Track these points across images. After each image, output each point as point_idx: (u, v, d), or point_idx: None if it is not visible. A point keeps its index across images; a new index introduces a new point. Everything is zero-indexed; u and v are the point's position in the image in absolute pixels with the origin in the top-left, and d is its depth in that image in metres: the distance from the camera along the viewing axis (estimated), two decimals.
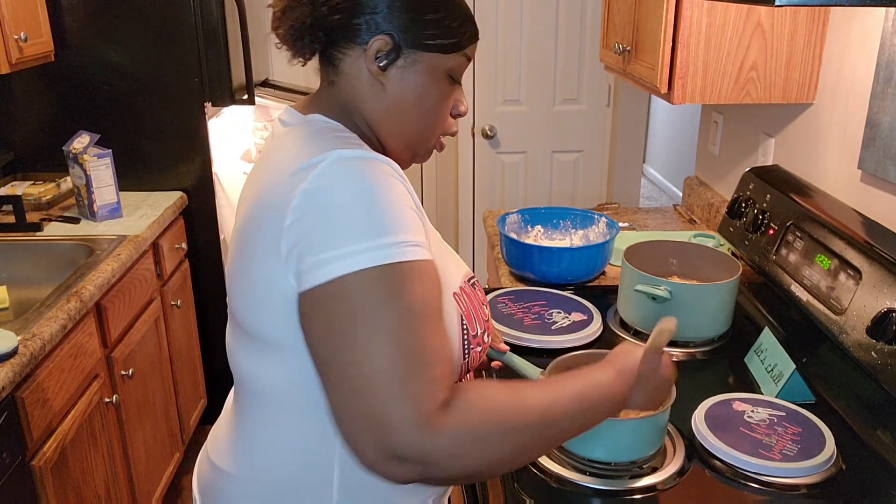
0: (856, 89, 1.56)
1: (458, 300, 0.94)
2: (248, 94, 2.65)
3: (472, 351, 0.95)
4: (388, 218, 0.81)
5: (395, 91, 0.93)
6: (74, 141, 2.28)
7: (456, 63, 0.95)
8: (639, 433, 1.10)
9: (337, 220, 0.80)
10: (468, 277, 1.00)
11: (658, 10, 1.69)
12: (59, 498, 1.66)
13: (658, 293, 1.48)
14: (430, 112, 0.95)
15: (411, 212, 0.84)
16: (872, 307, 1.25)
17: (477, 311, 0.97)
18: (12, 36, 2.06)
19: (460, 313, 0.93)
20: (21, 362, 1.50)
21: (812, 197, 1.59)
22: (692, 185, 2.42)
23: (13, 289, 1.97)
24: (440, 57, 0.93)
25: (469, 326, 0.94)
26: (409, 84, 0.93)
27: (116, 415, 2.01)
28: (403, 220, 0.82)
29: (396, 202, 0.83)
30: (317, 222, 0.81)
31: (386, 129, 0.96)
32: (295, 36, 0.93)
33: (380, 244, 0.79)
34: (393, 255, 0.80)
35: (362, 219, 0.80)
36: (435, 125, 0.97)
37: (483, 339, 0.98)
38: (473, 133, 3.57)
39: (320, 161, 0.83)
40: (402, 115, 0.94)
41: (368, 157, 0.85)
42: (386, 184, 0.83)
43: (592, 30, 3.40)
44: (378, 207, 0.81)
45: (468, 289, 0.98)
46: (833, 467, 1.14)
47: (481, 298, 1.00)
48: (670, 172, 6.05)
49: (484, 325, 0.99)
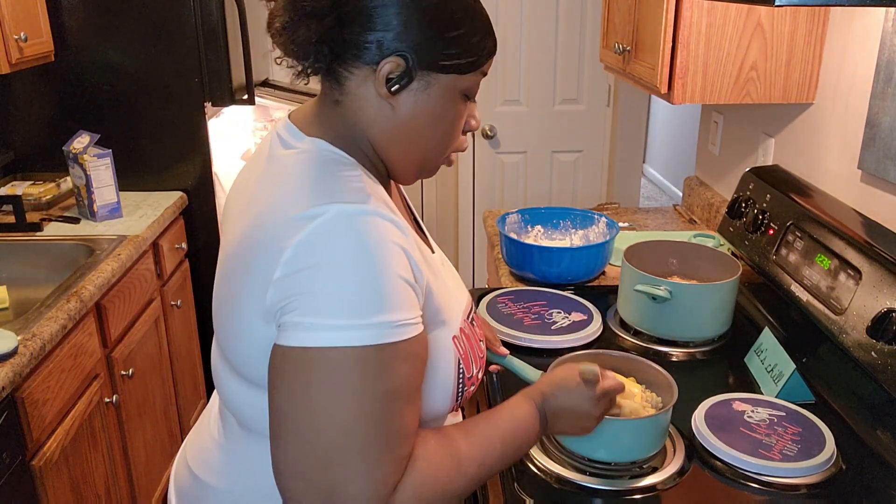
0: (856, 89, 1.56)
1: (458, 344, 0.92)
2: (248, 94, 2.65)
3: (465, 391, 0.95)
4: (383, 294, 0.77)
5: (406, 114, 0.86)
6: (74, 141, 2.28)
7: (473, 82, 0.89)
8: (641, 434, 1.10)
9: (329, 287, 0.76)
10: (468, 314, 0.98)
11: (658, 10, 1.69)
12: (59, 498, 1.66)
13: (658, 293, 1.48)
14: (444, 134, 0.89)
15: (406, 285, 0.80)
16: (872, 307, 1.25)
17: (474, 351, 0.97)
18: (12, 36, 2.06)
19: (458, 358, 0.92)
20: (21, 362, 1.50)
21: (812, 197, 1.59)
22: (692, 185, 2.42)
23: (13, 289, 1.97)
24: (457, 78, 0.86)
25: (465, 369, 0.94)
26: (422, 107, 0.86)
27: (116, 415, 2.02)
28: (399, 295, 0.78)
29: (394, 274, 0.78)
30: (307, 283, 0.76)
31: (395, 152, 0.90)
32: (298, 53, 0.85)
33: (371, 323, 0.76)
34: (383, 335, 0.76)
35: (356, 292, 0.76)
36: (447, 146, 0.91)
37: (477, 378, 0.98)
38: (473, 133, 3.57)
39: (320, 214, 0.78)
40: (413, 139, 0.88)
41: (371, 213, 0.79)
42: (385, 252, 0.78)
43: (592, 30, 3.40)
44: (374, 281, 0.76)
45: (468, 329, 0.96)
46: (833, 467, 1.14)
47: (479, 335, 1.01)
48: (670, 172, 6.05)
49: (479, 362, 0.99)
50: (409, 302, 0.80)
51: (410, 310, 0.80)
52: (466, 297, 1.01)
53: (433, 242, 1.04)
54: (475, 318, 1.02)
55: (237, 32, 2.59)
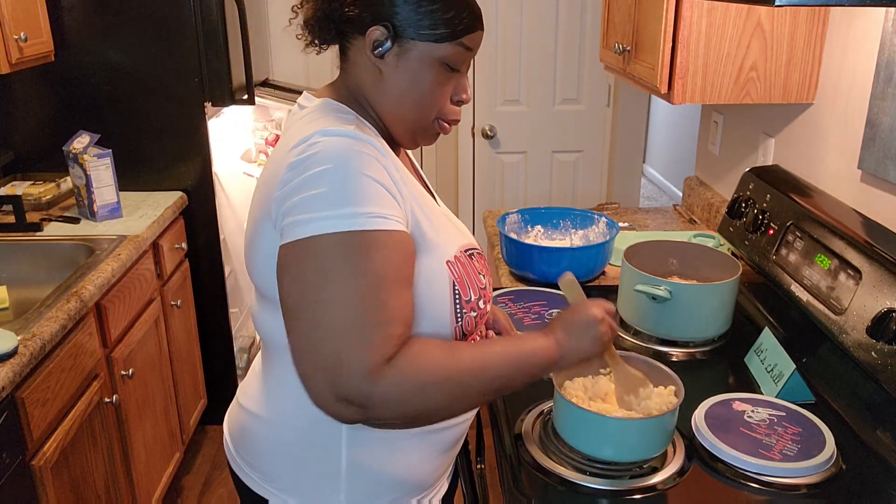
0: (856, 89, 1.56)
1: (451, 268, 1.03)
2: (248, 94, 2.65)
3: (465, 316, 1.04)
4: (355, 190, 0.91)
5: (391, 77, 1.01)
6: (74, 141, 2.28)
7: (451, 52, 1.00)
8: (647, 433, 1.10)
9: (313, 189, 0.91)
10: (466, 248, 1.08)
11: (658, 10, 1.69)
12: (59, 498, 1.66)
13: (658, 293, 1.48)
14: (425, 98, 1.02)
15: (379, 187, 0.93)
16: (872, 307, 1.25)
17: (472, 278, 1.06)
18: (12, 36, 2.06)
19: (452, 280, 1.02)
20: (21, 362, 1.50)
21: (812, 197, 1.59)
22: (692, 185, 2.42)
23: (13, 289, 1.97)
24: (432, 45, 0.99)
25: (462, 292, 1.03)
26: (403, 71, 1.01)
27: (116, 415, 2.01)
28: (370, 193, 0.92)
29: (365, 176, 0.92)
30: (297, 189, 0.92)
31: (385, 113, 1.04)
32: (310, 27, 1.04)
33: (345, 213, 0.90)
34: (355, 223, 0.90)
35: (336, 189, 0.91)
36: (430, 110, 1.03)
37: (478, 306, 1.06)
38: (473, 133, 3.57)
39: (308, 138, 0.94)
40: (398, 100, 1.02)
41: (350, 134, 0.95)
42: (359, 159, 0.93)
43: (592, 30, 3.40)
44: (350, 179, 0.91)
45: (464, 258, 1.06)
46: (833, 467, 1.14)
47: (478, 268, 1.09)
48: (670, 172, 6.05)
49: (479, 292, 1.07)
50: (383, 200, 0.93)
51: (384, 207, 0.93)
52: (468, 238, 1.12)
53: (439, 199, 1.18)
54: (478, 257, 1.10)
55: (237, 32, 2.59)
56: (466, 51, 1.01)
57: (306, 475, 1.08)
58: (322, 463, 1.06)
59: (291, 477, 1.09)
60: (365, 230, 0.90)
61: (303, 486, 1.08)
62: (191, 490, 2.60)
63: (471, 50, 1.02)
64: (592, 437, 1.11)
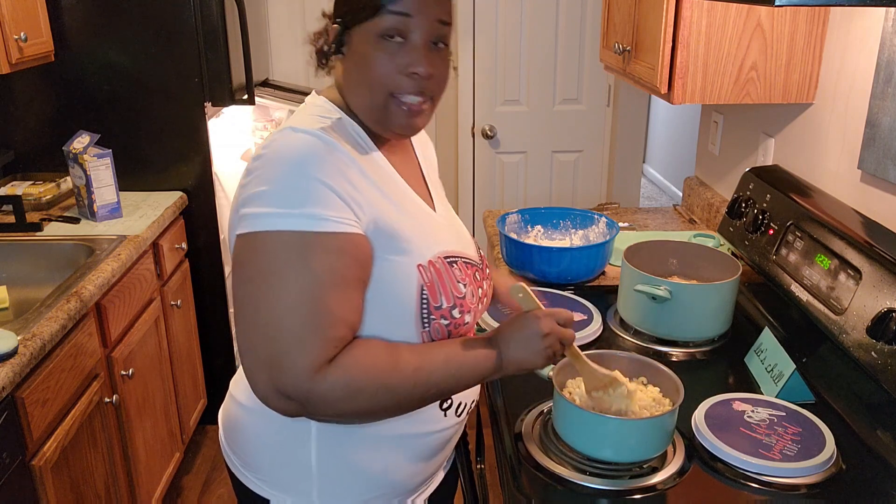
0: (856, 89, 1.56)
1: (422, 272, 1.02)
2: (248, 94, 2.65)
3: (434, 322, 1.03)
4: (302, 191, 0.93)
5: (347, 68, 1.05)
6: (74, 141, 2.28)
7: (385, 22, 0.99)
8: (647, 434, 1.10)
9: (266, 183, 0.94)
10: (448, 255, 1.07)
11: (658, 10, 1.69)
12: (59, 498, 1.66)
13: (658, 293, 1.48)
14: (372, 75, 1.01)
15: (327, 189, 0.94)
16: (872, 307, 1.25)
17: (445, 285, 1.04)
18: (12, 36, 2.06)
19: (421, 284, 1.02)
20: (21, 362, 1.50)
21: (812, 197, 1.59)
22: (692, 185, 2.42)
23: (13, 289, 1.97)
24: (367, 24, 1.00)
25: (431, 298, 1.02)
26: (353, 57, 1.03)
27: (116, 415, 2.01)
28: (317, 195, 0.93)
29: (318, 178, 0.94)
30: (255, 182, 0.96)
31: (353, 105, 1.06)
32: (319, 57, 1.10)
33: (294, 213, 0.92)
34: (304, 224, 0.92)
35: (286, 187, 0.94)
36: (379, 87, 1.01)
37: (451, 314, 1.05)
38: (473, 133, 3.57)
39: (279, 133, 0.98)
40: (355, 87, 1.04)
41: (315, 134, 0.97)
42: (314, 160, 0.95)
43: (592, 30, 3.40)
44: (300, 179, 0.93)
45: (440, 264, 1.05)
46: (833, 467, 1.14)
47: (457, 277, 1.06)
48: (670, 172, 6.05)
49: (455, 300, 1.05)
50: (331, 203, 0.94)
51: (331, 209, 0.94)
52: (456, 245, 1.11)
53: (438, 201, 1.18)
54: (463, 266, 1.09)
55: (237, 32, 2.59)
56: (401, 16, 0.98)
57: (282, 466, 1.10)
58: (295, 455, 1.08)
59: (269, 467, 1.11)
60: (310, 231, 0.92)
61: (279, 478, 1.11)
62: (191, 490, 2.60)
63: (407, 14, 0.98)
64: (592, 438, 1.11)
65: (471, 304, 1.08)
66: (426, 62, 1.00)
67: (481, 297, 1.13)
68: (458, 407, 1.15)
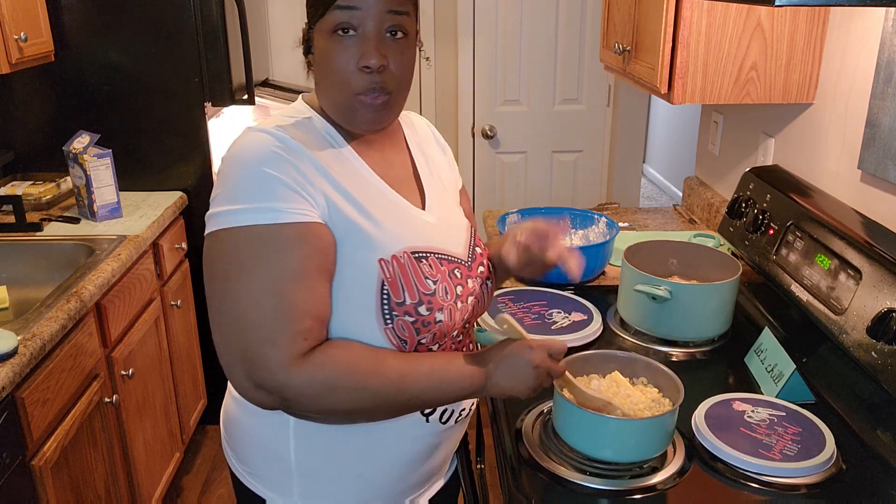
0: (856, 89, 1.56)
1: (384, 266, 1.01)
2: (248, 94, 2.65)
3: (397, 319, 1.01)
4: (256, 187, 0.95)
5: (315, 66, 1.05)
6: (74, 141, 2.28)
7: (334, 18, 0.99)
8: (647, 434, 1.10)
9: (223, 185, 0.97)
10: (416, 250, 1.04)
11: (658, 10, 1.69)
12: (59, 498, 1.66)
13: (658, 293, 1.48)
14: (333, 73, 1.01)
15: (279, 183, 0.95)
16: (872, 307, 1.25)
17: (409, 281, 1.02)
18: (12, 36, 2.06)
19: (382, 279, 1.00)
20: (21, 362, 1.50)
21: (812, 197, 1.59)
22: (692, 185, 2.42)
23: (13, 289, 1.97)
24: (321, 22, 1.01)
25: (392, 293, 1.01)
26: (316, 57, 1.04)
27: (116, 415, 2.01)
28: (270, 189, 0.94)
29: (266, 173, 0.95)
30: (216, 185, 0.99)
31: (321, 101, 1.07)
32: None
33: (247, 208, 0.94)
34: (256, 218, 0.94)
35: (237, 186, 0.96)
36: (342, 85, 1.01)
37: (417, 311, 1.02)
38: (473, 133, 3.57)
39: (236, 138, 1.01)
40: (321, 86, 1.05)
41: (270, 132, 0.99)
42: (266, 156, 0.96)
43: (592, 30, 3.40)
44: (252, 177, 0.95)
45: (406, 259, 1.03)
46: (833, 467, 1.14)
47: (425, 273, 1.04)
48: (670, 172, 6.05)
49: (421, 297, 1.03)
50: (285, 195, 0.95)
51: (287, 201, 0.95)
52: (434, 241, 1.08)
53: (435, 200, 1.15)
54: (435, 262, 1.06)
55: (237, 32, 2.59)
56: (349, 10, 0.98)
57: (267, 461, 1.11)
58: (276, 451, 1.09)
59: (256, 460, 1.12)
60: (263, 224, 0.94)
61: (266, 473, 1.12)
62: (191, 490, 2.60)
63: (354, 8, 0.97)
64: (592, 438, 1.11)
65: (443, 302, 1.05)
66: (377, 54, 0.98)
67: (461, 294, 1.09)
68: (443, 415, 1.12)
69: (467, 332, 1.15)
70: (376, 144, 1.12)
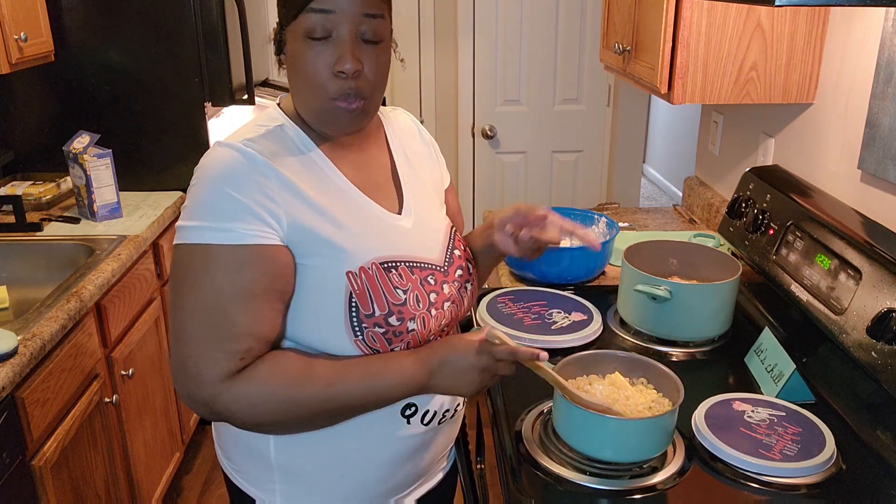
0: (856, 89, 1.56)
1: (352, 279, 1.00)
2: (248, 94, 2.65)
3: (367, 331, 1.01)
4: (217, 205, 0.95)
5: (287, 68, 1.05)
6: (74, 141, 2.28)
7: (307, 22, 0.98)
8: (646, 434, 1.10)
9: (189, 198, 0.98)
10: (385, 261, 1.03)
11: (658, 10, 1.69)
12: (59, 498, 1.66)
13: (658, 293, 1.48)
14: (308, 77, 1.00)
15: (238, 203, 0.95)
16: (872, 307, 1.25)
17: (378, 292, 1.01)
18: (12, 36, 2.06)
19: (350, 291, 1.00)
20: (21, 362, 1.50)
21: (812, 197, 1.59)
22: (692, 185, 2.42)
23: (13, 289, 1.97)
24: (293, 25, 1.00)
25: (361, 306, 1.00)
26: (289, 59, 1.03)
27: (116, 415, 2.01)
28: (230, 208, 0.95)
29: (230, 193, 0.95)
30: (188, 195, 0.99)
31: (296, 104, 1.06)
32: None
33: (203, 226, 0.95)
34: (210, 237, 0.94)
35: (197, 202, 0.97)
36: (318, 89, 1.00)
37: (387, 322, 1.01)
38: (473, 133, 3.57)
39: (208, 151, 1.01)
40: (295, 89, 1.04)
41: (236, 147, 0.98)
42: (230, 175, 0.96)
43: (592, 30, 3.40)
44: (211, 195, 0.96)
45: (375, 271, 1.02)
46: (833, 467, 1.14)
47: (395, 283, 1.03)
48: (670, 172, 6.05)
49: (391, 307, 1.02)
50: (242, 216, 0.95)
51: (243, 222, 0.95)
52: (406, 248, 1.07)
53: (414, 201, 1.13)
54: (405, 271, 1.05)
55: (237, 32, 2.59)
56: (322, 13, 0.96)
57: (250, 459, 1.11)
58: (258, 449, 1.09)
59: (241, 458, 1.13)
60: (215, 244, 0.94)
61: (249, 470, 1.12)
62: (191, 490, 2.60)
63: (328, 11, 0.96)
64: (592, 438, 1.11)
65: (415, 311, 1.04)
66: (352, 58, 0.97)
67: (435, 301, 1.07)
68: (425, 415, 1.10)
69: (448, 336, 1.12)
70: (354, 146, 1.10)
